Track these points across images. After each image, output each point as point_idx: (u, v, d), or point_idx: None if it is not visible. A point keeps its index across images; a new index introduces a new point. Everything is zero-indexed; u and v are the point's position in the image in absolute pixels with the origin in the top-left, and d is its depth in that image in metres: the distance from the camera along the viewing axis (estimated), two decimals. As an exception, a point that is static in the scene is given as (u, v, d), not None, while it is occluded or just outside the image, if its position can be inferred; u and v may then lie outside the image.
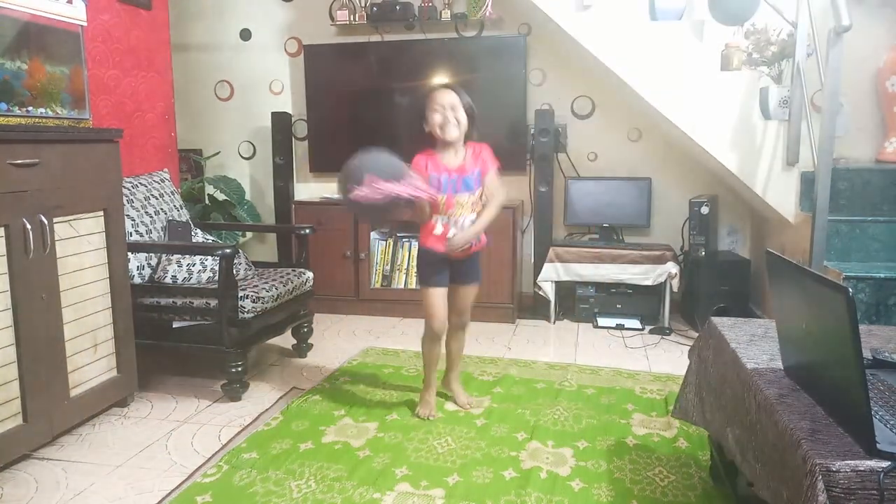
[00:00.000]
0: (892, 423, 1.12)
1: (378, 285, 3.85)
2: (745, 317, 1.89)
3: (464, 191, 2.18)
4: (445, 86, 2.21)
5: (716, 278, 3.36)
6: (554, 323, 3.63)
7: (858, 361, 1.03)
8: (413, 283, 3.81)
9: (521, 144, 3.81)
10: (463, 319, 2.38)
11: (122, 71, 2.98)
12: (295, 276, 2.91)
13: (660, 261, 3.41)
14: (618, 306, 3.58)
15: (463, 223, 2.20)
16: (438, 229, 2.20)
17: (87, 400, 2.20)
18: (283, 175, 4.05)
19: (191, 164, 4.28)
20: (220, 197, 4.09)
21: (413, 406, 2.42)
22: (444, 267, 2.25)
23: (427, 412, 2.34)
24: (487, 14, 3.73)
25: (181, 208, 3.03)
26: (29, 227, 1.92)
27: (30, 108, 2.09)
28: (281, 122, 4.01)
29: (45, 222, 1.98)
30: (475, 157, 2.21)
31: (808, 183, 2.82)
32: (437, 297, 2.25)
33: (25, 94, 2.08)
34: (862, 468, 0.99)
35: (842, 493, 0.98)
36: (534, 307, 3.78)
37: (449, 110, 2.15)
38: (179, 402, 2.51)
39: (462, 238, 2.18)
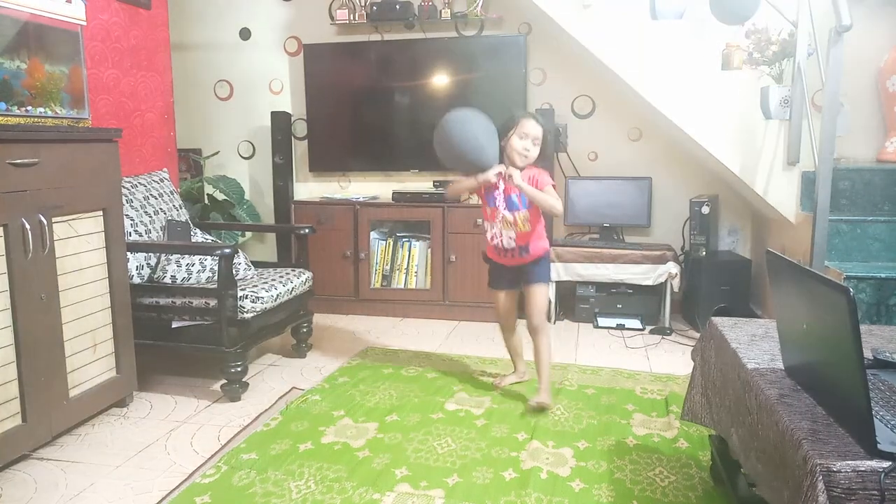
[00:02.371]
0: (892, 422, 1.11)
1: (378, 285, 3.85)
2: (745, 317, 1.89)
3: (508, 208, 2.33)
4: (538, 120, 2.32)
5: (716, 278, 3.36)
6: (554, 323, 3.62)
7: (859, 361, 1.03)
8: (413, 283, 3.81)
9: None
10: (532, 322, 2.44)
11: (122, 70, 2.98)
12: (295, 275, 2.90)
13: (660, 261, 3.40)
14: (618, 306, 3.58)
15: (504, 238, 2.37)
16: (489, 233, 2.42)
17: (86, 400, 2.20)
18: (282, 175, 4.04)
19: (190, 164, 4.28)
20: (220, 197, 4.09)
21: (412, 406, 2.42)
22: (501, 273, 2.50)
23: (498, 381, 2.65)
24: (478, 10, 3.71)
25: (180, 208, 3.02)
26: (28, 226, 1.91)
27: (29, 108, 2.08)
28: (280, 122, 4.01)
29: (45, 222, 1.98)
30: (530, 180, 2.31)
31: (808, 183, 2.81)
32: (497, 297, 2.56)
33: (25, 93, 2.08)
34: (863, 468, 0.99)
35: (842, 493, 0.98)
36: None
37: (532, 142, 2.30)
38: (179, 402, 2.51)
39: (516, 179, 2.26)
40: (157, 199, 2.88)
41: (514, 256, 2.40)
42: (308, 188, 4.27)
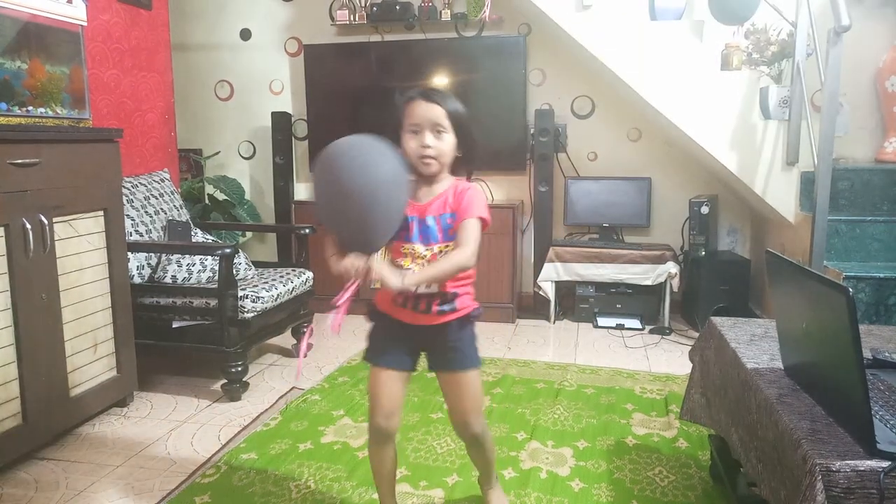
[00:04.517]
0: (892, 422, 1.12)
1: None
2: (745, 317, 1.89)
3: (417, 240, 1.48)
4: (428, 96, 1.44)
5: (716, 278, 3.36)
6: (554, 323, 3.63)
7: (858, 361, 1.03)
8: (413, 283, 3.80)
9: (521, 144, 3.81)
10: (468, 430, 1.56)
11: (122, 71, 2.98)
12: (295, 275, 2.91)
13: (660, 261, 3.41)
14: (618, 306, 3.58)
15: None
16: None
17: (86, 400, 2.20)
18: (283, 175, 4.05)
19: (191, 164, 4.28)
20: (220, 197, 4.09)
21: (412, 406, 2.42)
22: (394, 335, 1.53)
23: None
24: (486, 16, 3.73)
25: (181, 208, 3.03)
26: (29, 226, 1.92)
27: (30, 108, 2.09)
28: (281, 122, 4.01)
29: (45, 222, 1.98)
30: (453, 198, 1.46)
31: (808, 183, 2.81)
32: (377, 378, 1.51)
33: (25, 93, 2.08)
34: (862, 468, 0.99)
35: (841, 492, 0.98)
36: (534, 307, 3.78)
37: (428, 131, 1.43)
38: (179, 402, 2.51)
39: (412, 279, 1.41)
40: (157, 199, 2.89)
41: (425, 309, 1.48)
42: (308, 188, 4.27)
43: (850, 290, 1.03)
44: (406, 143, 1.45)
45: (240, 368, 2.51)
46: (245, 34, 4.26)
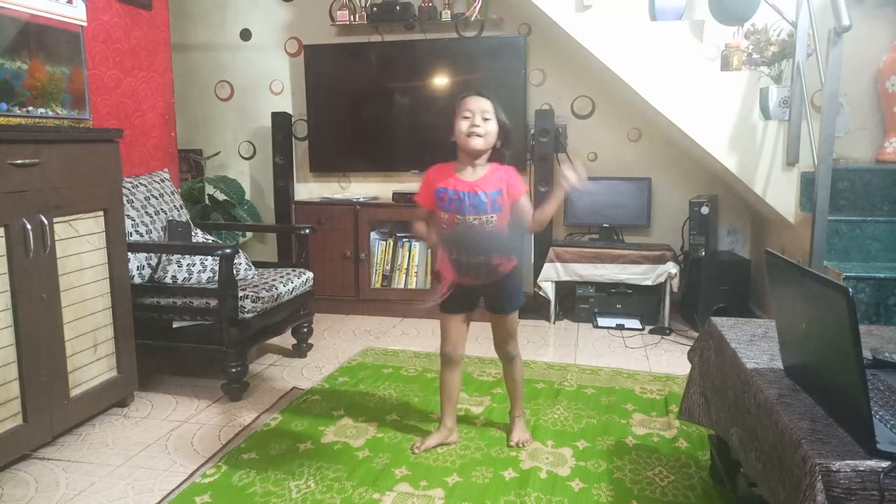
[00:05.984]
0: (892, 422, 1.12)
1: (378, 285, 3.85)
2: (745, 317, 1.89)
3: (472, 213, 1.88)
4: (478, 92, 1.89)
5: (716, 278, 3.36)
6: (554, 323, 3.63)
7: (858, 361, 1.03)
8: (413, 283, 3.81)
9: (521, 145, 3.81)
10: (506, 351, 2.11)
11: (122, 71, 2.98)
12: (295, 275, 2.91)
13: (660, 261, 3.41)
14: (618, 306, 3.58)
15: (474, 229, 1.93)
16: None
17: (87, 400, 2.20)
18: (283, 175, 4.05)
19: (191, 164, 4.28)
20: (220, 197, 4.09)
21: (412, 406, 2.43)
22: (460, 294, 1.98)
23: (418, 444, 2.09)
24: (476, 10, 3.72)
25: (181, 208, 3.03)
26: (29, 227, 1.92)
27: (30, 109, 2.09)
28: (281, 122, 4.01)
29: (46, 222, 1.98)
30: (497, 178, 1.91)
31: (808, 183, 2.81)
32: (447, 322, 2.07)
33: (26, 94, 2.08)
34: (862, 468, 0.99)
35: (842, 492, 0.98)
36: (534, 307, 3.77)
37: (478, 116, 1.85)
38: (179, 402, 2.51)
39: (550, 207, 1.91)
40: (157, 199, 2.89)
41: (478, 275, 1.92)
42: (308, 188, 4.27)
43: (850, 290, 1.03)
44: (458, 126, 1.87)
45: (240, 368, 2.51)
46: (245, 34, 4.26)
